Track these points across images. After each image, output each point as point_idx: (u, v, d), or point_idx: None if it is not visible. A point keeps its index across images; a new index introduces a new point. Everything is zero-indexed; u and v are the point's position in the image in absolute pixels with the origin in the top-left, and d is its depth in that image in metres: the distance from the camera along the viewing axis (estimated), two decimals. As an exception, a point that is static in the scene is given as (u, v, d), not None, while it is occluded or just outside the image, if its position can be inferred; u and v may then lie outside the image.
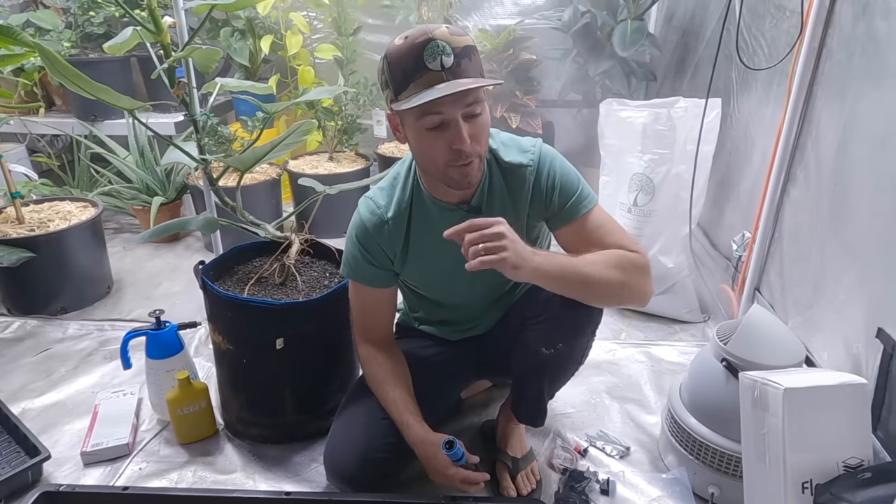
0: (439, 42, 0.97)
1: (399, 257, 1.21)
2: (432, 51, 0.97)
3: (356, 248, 1.21)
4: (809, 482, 1.02)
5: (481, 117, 1.03)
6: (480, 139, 1.04)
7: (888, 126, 1.22)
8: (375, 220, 1.19)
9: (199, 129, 1.46)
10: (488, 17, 2.98)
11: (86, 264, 2.11)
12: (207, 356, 1.76)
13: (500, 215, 1.16)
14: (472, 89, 0.98)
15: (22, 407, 1.60)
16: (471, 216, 1.16)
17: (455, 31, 1.00)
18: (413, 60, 0.97)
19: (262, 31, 2.78)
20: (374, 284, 1.24)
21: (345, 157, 2.84)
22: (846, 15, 1.40)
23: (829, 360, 1.39)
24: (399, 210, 1.18)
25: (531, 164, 1.15)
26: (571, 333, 1.20)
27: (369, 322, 1.29)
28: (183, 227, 1.54)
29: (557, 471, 1.38)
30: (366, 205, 1.21)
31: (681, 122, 1.84)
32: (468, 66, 0.99)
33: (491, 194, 1.17)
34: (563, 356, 1.23)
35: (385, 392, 1.23)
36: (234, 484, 1.36)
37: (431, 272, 1.24)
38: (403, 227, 1.19)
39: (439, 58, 0.97)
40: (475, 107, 1.01)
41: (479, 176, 1.09)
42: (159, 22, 1.28)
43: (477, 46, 1.04)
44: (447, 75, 0.97)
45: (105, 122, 2.71)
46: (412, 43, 0.98)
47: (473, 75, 0.99)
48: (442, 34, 0.98)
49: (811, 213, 1.52)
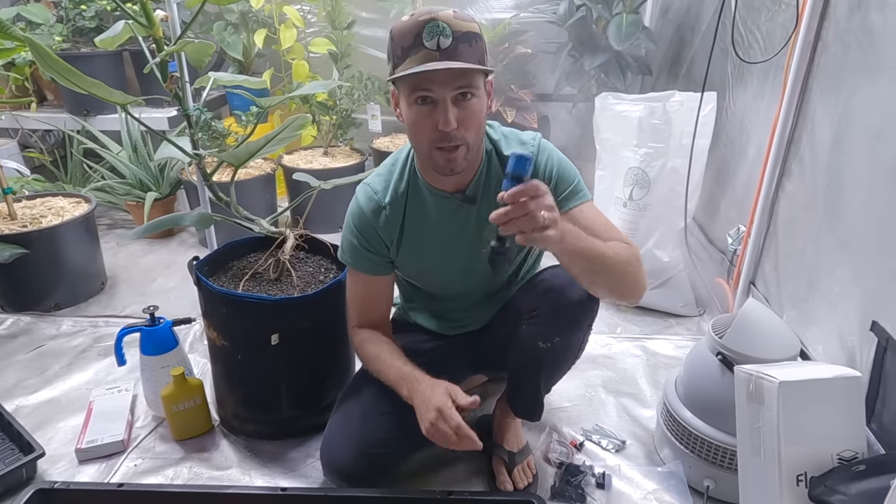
0: (440, 23, 0.98)
1: (395, 244, 1.22)
2: (431, 30, 0.98)
3: (353, 236, 1.22)
4: (804, 475, 1.02)
5: (473, 102, 1.03)
6: (469, 125, 1.04)
7: (883, 119, 1.22)
8: (373, 206, 1.19)
9: (192, 124, 1.45)
10: (483, 10, 2.97)
11: (79, 260, 2.09)
12: (202, 352, 1.75)
13: (495, 206, 1.16)
14: (465, 72, 0.99)
15: (16, 404, 1.60)
16: (465, 206, 1.17)
17: (462, 16, 1.01)
18: (413, 37, 0.99)
19: (256, 24, 2.76)
20: (370, 272, 1.24)
21: (340, 151, 2.83)
22: (841, 8, 1.40)
23: (823, 353, 1.39)
24: (396, 196, 1.19)
25: (530, 155, 1.15)
26: (568, 327, 1.20)
27: (366, 310, 1.29)
28: (177, 223, 1.53)
29: (553, 465, 1.38)
30: (363, 191, 1.22)
31: (676, 116, 1.84)
32: (466, 50, 1.00)
33: (487, 185, 1.17)
34: (559, 350, 1.23)
35: (383, 360, 1.20)
36: (229, 480, 1.36)
37: (426, 260, 1.24)
38: (400, 214, 1.19)
39: (437, 38, 0.98)
40: (467, 91, 1.01)
41: (463, 164, 1.08)
42: (151, 16, 1.27)
43: (483, 36, 1.04)
44: (441, 55, 0.98)
45: (97, 116, 2.69)
46: (415, 21, 1.00)
47: (470, 61, 1.00)
48: (445, 16, 0.99)
49: (806, 207, 1.52)
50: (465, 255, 1.23)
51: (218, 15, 2.78)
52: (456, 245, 1.22)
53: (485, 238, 1.08)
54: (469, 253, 1.22)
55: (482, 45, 1.04)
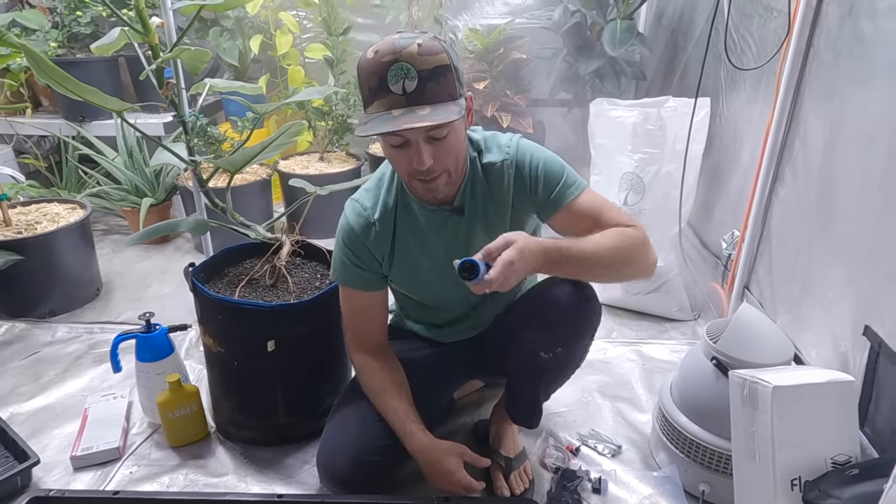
0: (404, 64, 0.95)
1: (387, 259, 1.21)
2: (395, 73, 0.95)
3: (343, 253, 1.21)
4: (798, 479, 1.03)
5: (448, 136, 1.02)
6: (446, 159, 1.04)
7: (874, 126, 1.23)
8: (363, 223, 1.19)
9: (188, 130, 1.45)
10: (479, 16, 2.99)
11: (74, 266, 2.09)
12: (198, 358, 1.75)
13: (483, 214, 1.16)
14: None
15: (10, 411, 1.59)
16: (454, 217, 1.17)
17: (428, 48, 0.97)
18: (378, 80, 0.97)
19: (252, 30, 2.77)
20: (363, 288, 1.23)
21: (336, 157, 2.83)
22: (833, 15, 1.41)
23: (817, 357, 1.40)
24: (385, 211, 1.18)
25: (507, 157, 1.15)
26: (571, 338, 1.20)
27: (362, 328, 1.28)
28: (173, 229, 1.53)
29: (550, 470, 1.38)
30: (352, 207, 1.21)
31: (670, 122, 1.85)
32: (433, 89, 0.97)
33: (474, 195, 1.17)
34: (561, 360, 1.23)
35: (385, 402, 1.22)
36: (226, 486, 1.35)
37: (418, 273, 1.24)
38: (390, 229, 1.19)
39: (402, 81, 0.95)
40: (438, 131, 1.00)
41: (445, 191, 1.09)
42: (147, 22, 1.27)
43: (453, 63, 0.99)
44: (407, 100, 0.96)
45: (93, 122, 2.68)
46: (378, 62, 0.97)
47: (439, 99, 0.97)
48: (409, 55, 0.95)
49: (799, 212, 1.54)
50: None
51: (214, 21, 2.78)
52: (447, 255, 1.20)
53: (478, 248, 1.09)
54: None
55: (452, 76, 0.99)
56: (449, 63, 0.99)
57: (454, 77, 1.00)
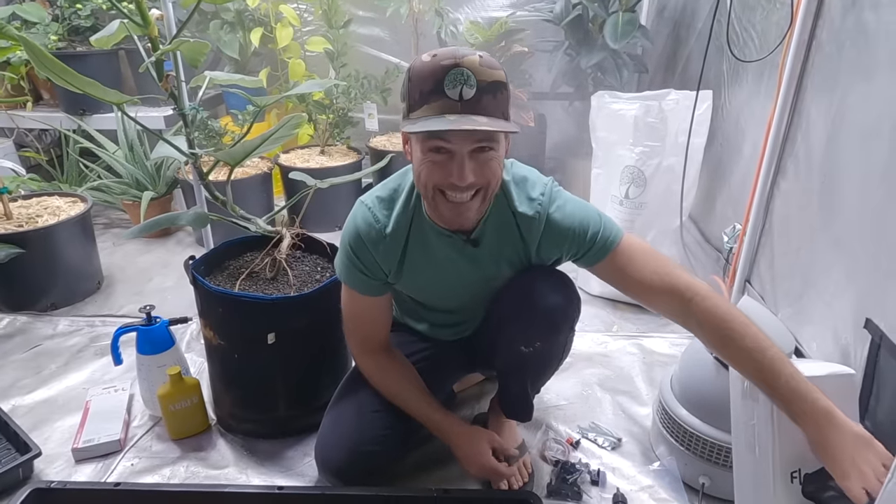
0: (465, 70, 0.91)
1: (394, 273, 1.18)
2: (454, 77, 0.91)
3: (349, 257, 1.17)
4: (798, 471, 1.03)
5: (491, 154, 0.98)
6: (485, 172, 0.99)
7: (877, 119, 1.22)
8: (374, 235, 1.14)
9: (188, 123, 1.44)
10: (480, 9, 2.97)
11: (75, 260, 2.09)
12: (199, 351, 1.75)
13: (499, 250, 1.14)
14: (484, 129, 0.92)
15: (12, 404, 1.60)
16: (469, 247, 1.14)
17: (489, 62, 0.94)
18: (434, 82, 0.92)
19: (252, 23, 2.76)
20: (368, 293, 1.21)
21: (336, 150, 2.83)
22: (836, 7, 1.40)
23: (818, 350, 1.40)
24: (398, 227, 1.14)
25: (537, 216, 1.11)
26: (548, 331, 1.19)
27: (366, 330, 1.26)
28: (173, 222, 1.53)
29: (550, 463, 1.38)
30: (363, 215, 1.16)
31: (672, 115, 1.85)
32: (490, 103, 0.93)
33: (498, 232, 1.13)
34: (542, 354, 1.22)
35: (406, 400, 1.24)
36: (226, 479, 1.36)
37: (426, 285, 1.23)
38: (401, 244, 1.15)
39: (460, 87, 0.92)
40: (486, 145, 0.96)
41: (474, 217, 1.05)
42: (147, 14, 1.27)
43: (508, 85, 0.96)
44: (463, 107, 0.92)
45: (94, 116, 2.68)
46: (437, 64, 0.93)
47: (493, 114, 0.93)
48: (471, 63, 0.92)
49: (801, 206, 1.53)
50: (465, 286, 1.21)
51: (214, 14, 2.77)
52: (457, 279, 1.19)
53: (487, 276, 1.11)
54: (470, 286, 1.21)
55: (507, 96, 0.96)
56: (506, 82, 0.96)
57: (508, 97, 0.97)
